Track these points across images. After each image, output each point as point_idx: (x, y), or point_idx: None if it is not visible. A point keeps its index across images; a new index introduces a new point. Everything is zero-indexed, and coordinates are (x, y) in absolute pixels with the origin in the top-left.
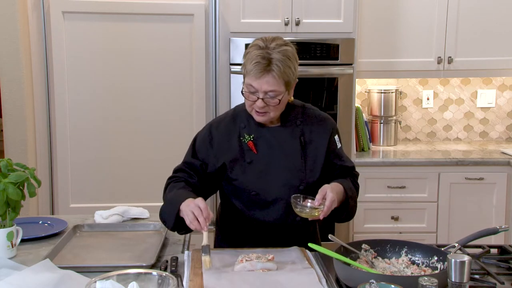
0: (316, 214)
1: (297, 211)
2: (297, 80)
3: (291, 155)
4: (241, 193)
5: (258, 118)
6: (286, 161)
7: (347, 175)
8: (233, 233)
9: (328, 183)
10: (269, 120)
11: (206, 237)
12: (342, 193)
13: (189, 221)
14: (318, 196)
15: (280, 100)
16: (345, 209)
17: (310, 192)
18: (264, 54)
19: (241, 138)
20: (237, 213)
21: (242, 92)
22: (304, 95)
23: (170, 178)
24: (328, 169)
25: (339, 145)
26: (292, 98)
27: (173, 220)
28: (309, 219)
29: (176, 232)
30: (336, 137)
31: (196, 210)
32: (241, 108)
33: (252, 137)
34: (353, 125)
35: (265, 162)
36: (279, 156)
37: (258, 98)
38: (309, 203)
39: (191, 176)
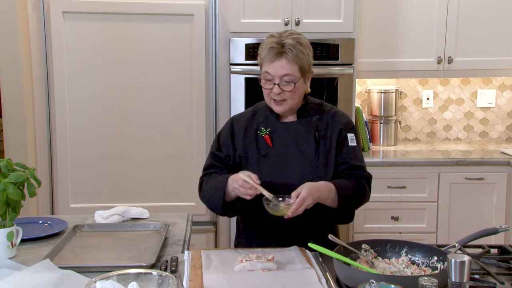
0: (286, 211)
1: (268, 208)
2: (313, 71)
3: (305, 149)
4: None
5: (276, 108)
6: (300, 155)
7: (355, 174)
8: (250, 229)
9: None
10: (287, 109)
11: (266, 192)
12: (331, 192)
13: (241, 193)
14: (293, 194)
15: (295, 85)
16: (338, 209)
17: None
18: (278, 41)
19: (258, 132)
20: (253, 208)
21: (259, 81)
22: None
23: (202, 176)
24: (336, 166)
25: (352, 143)
26: (309, 89)
27: (221, 204)
28: (285, 217)
29: (226, 216)
30: (350, 135)
31: (240, 181)
32: (262, 105)
33: (269, 131)
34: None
35: (280, 156)
36: (294, 150)
37: (274, 84)
38: (287, 201)
39: (221, 169)
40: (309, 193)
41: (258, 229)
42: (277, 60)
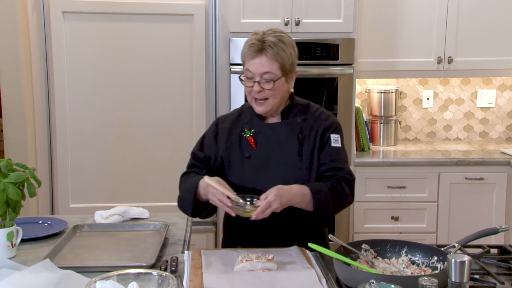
0: (252, 213)
1: (235, 210)
2: (297, 72)
3: (289, 151)
4: (238, 188)
5: (258, 108)
6: (283, 157)
7: (335, 176)
8: (236, 232)
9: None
10: (269, 110)
11: (232, 193)
12: (305, 196)
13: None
14: (262, 196)
15: (274, 83)
16: (315, 214)
17: None
18: (259, 38)
19: (242, 133)
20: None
21: (240, 79)
22: (304, 95)
23: (182, 174)
24: (317, 167)
25: (335, 144)
26: (292, 90)
27: (191, 206)
28: (251, 219)
29: (198, 218)
30: (334, 135)
31: (218, 195)
32: (248, 105)
33: (252, 132)
34: (353, 125)
35: (264, 158)
36: (277, 152)
37: (254, 82)
38: (256, 203)
39: (201, 169)
40: (277, 197)
41: (240, 230)
42: (257, 57)
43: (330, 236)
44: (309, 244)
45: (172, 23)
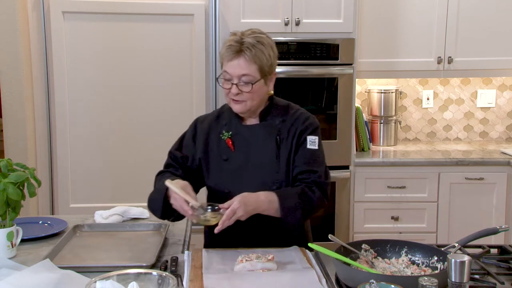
0: (213, 222)
1: (194, 216)
2: (276, 74)
3: (266, 154)
4: (215, 191)
5: (235, 107)
6: (261, 160)
7: (307, 179)
8: (218, 234)
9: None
10: (246, 109)
11: (192, 200)
12: (272, 203)
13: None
14: (225, 204)
15: (252, 86)
16: (283, 220)
17: None
18: (237, 39)
19: (221, 135)
20: None
21: (218, 81)
22: (304, 95)
23: (158, 173)
24: (292, 168)
25: (311, 146)
26: (272, 92)
27: (160, 207)
28: (215, 229)
29: (167, 220)
30: (311, 137)
31: (178, 199)
32: (227, 106)
33: (231, 134)
34: (353, 125)
35: (241, 160)
36: (255, 154)
37: (232, 84)
38: (219, 211)
39: (177, 169)
40: (241, 204)
41: (220, 233)
42: (235, 59)
43: (330, 236)
44: (309, 244)
45: (172, 23)
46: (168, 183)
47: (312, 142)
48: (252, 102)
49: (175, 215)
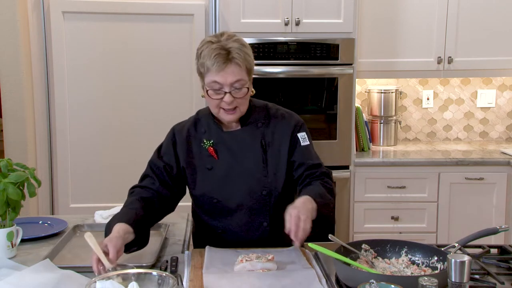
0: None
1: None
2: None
3: (252, 160)
4: (203, 201)
5: (227, 117)
6: (247, 166)
7: (314, 173)
8: (204, 241)
9: (295, 185)
10: (238, 117)
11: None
12: (311, 203)
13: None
14: (287, 224)
15: (248, 90)
16: (321, 218)
17: (277, 199)
18: (221, 46)
19: (202, 144)
20: (203, 223)
21: (203, 95)
22: (304, 95)
23: (133, 187)
24: (292, 169)
25: (304, 142)
26: (254, 91)
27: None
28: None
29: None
30: (301, 134)
31: (94, 259)
32: (203, 112)
33: (212, 143)
34: (353, 125)
35: (226, 168)
36: (240, 161)
37: (225, 93)
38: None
39: (153, 181)
40: (298, 209)
41: (208, 237)
42: (227, 67)
43: (330, 236)
44: (309, 244)
45: (172, 23)
46: (87, 237)
47: (303, 138)
48: (243, 108)
49: (129, 250)
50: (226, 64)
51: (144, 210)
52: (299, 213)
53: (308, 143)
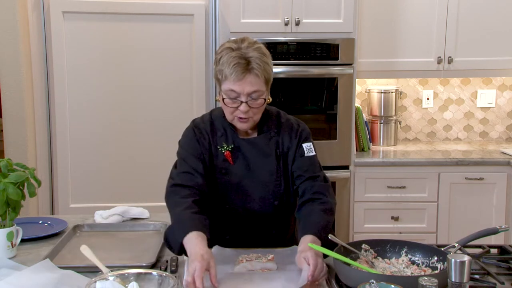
0: None
1: None
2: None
3: (267, 169)
4: (213, 205)
5: (242, 126)
6: (261, 175)
7: (313, 185)
8: (210, 242)
9: (296, 196)
10: (252, 125)
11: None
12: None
13: (186, 276)
14: (307, 272)
15: (265, 100)
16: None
17: (286, 207)
18: (241, 55)
19: (218, 147)
20: (213, 226)
21: (218, 99)
22: (304, 95)
23: (175, 185)
24: (292, 180)
25: (308, 153)
26: (270, 99)
27: (178, 248)
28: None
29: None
30: (306, 144)
31: (197, 272)
32: (217, 114)
33: (230, 148)
34: (353, 125)
35: (241, 174)
36: (254, 169)
37: (241, 102)
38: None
39: (195, 178)
40: (317, 255)
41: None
42: (245, 77)
43: (330, 236)
44: (309, 244)
45: (172, 23)
46: (82, 249)
47: (308, 149)
48: (258, 116)
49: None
50: (245, 74)
51: (201, 213)
52: (316, 261)
53: (313, 154)
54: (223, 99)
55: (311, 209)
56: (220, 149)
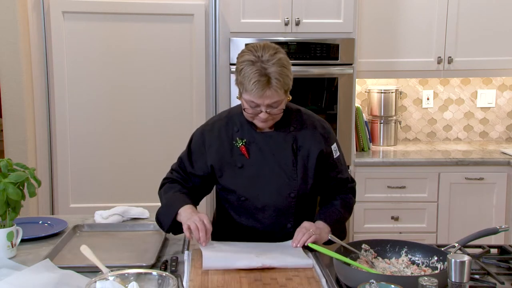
0: None
1: None
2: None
3: (283, 162)
4: (230, 198)
5: (261, 125)
6: (277, 168)
7: (342, 187)
8: (224, 238)
9: (323, 194)
10: (271, 125)
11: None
12: (326, 229)
13: (189, 232)
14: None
15: (284, 108)
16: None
17: (301, 201)
18: (261, 70)
19: (234, 142)
20: (228, 218)
21: (238, 97)
22: (304, 95)
23: (166, 178)
24: (323, 181)
25: (336, 155)
26: (290, 97)
27: (169, 223)
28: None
29: (171, 233)
30: (334, 145)
31: (200, 224)
32: (235, 111)
33: (245, 142)
34: (353, 125)
35: (257, 168)
36: (271, 162)
37: (261, 111)
38: None
39: (184, 179)
40: (311, 225)
41: (229, 232)
42: (265, 92)
43: (330, 236)
44: (309, 244)
45: (172, 23)
46: (83, 249)
47: (335, 150)
48: (277, 118)
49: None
50: (265, 90)
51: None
52: (310, 228)
53: (339, 153)
54: (244, 106)
55: (332, 202)
56: (235, 144)
